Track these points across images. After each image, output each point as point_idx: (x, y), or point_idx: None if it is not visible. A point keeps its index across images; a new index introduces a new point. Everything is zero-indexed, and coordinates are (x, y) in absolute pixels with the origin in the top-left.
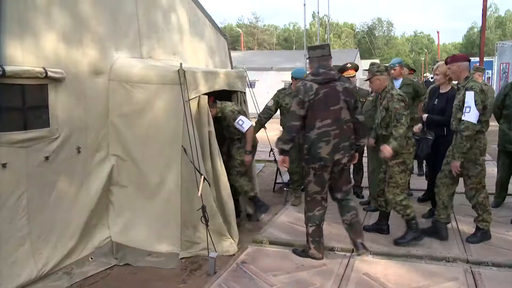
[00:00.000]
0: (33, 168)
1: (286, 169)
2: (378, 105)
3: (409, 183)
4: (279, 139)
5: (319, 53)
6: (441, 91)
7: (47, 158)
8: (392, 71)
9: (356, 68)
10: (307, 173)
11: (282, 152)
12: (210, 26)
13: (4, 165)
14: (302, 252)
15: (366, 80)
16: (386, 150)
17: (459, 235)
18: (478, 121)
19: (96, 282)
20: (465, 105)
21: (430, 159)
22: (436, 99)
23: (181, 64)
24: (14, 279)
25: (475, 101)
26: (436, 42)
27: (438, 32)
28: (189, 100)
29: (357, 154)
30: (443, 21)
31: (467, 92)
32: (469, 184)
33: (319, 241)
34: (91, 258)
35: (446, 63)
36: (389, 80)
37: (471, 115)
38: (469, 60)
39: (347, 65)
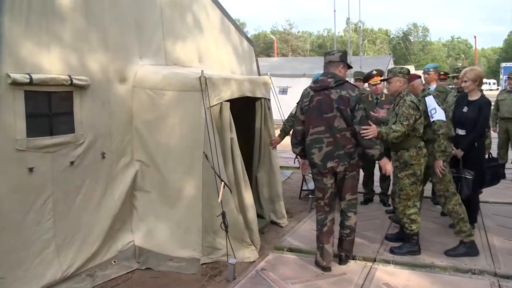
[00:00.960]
0: (58, 173)
1: (308, 174)
2: (391, 112)
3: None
4: (291, 142)
5: (327, 59)
6: (470, 98)
7: (72, 163)
8: (426, 76)
9: (381, 74)
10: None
11: (300, 156)
12: (236, 33)
13: (31, 169)
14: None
15: (385, 79)
16: (373, 130)
17: (487, 246)
18: None
19: (118, 285)
20: (429, 109)
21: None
22: (466, 107)
23: (202, 71)
24: (39, 279)
25: (436, 102)
26: (474, 47)
27: (475, 37)
28: (210, 106)
29: (388, 163)
30: (482, 25)
31: (426, 98)
32: (437, 191)
33: (322, 247)
34: (114, 262)
35: None
36: (406, 86)
37: (438, 114)
38: (420, 77)
39: (373, 72)
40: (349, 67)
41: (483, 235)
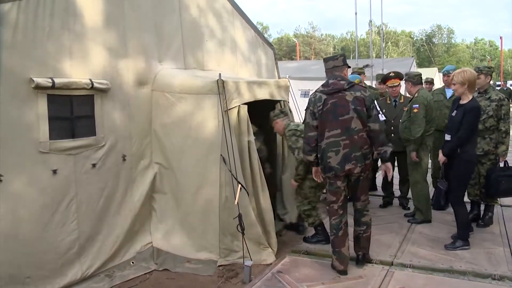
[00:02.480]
0: (81, 175)
1: (321, 181)
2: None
3: None
4: (303, 152)
5: (330, 64)
6: (461, 102)
7: (94, 165)
8: (446, 78)
9: (400, 77)
10: (325, 182)
11: (310, 163)
12: (256, 36)
13: (54, 171)
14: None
15: None
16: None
17: (509, 252)
18: None
19: (135, 285)
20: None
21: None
22: (455, 111)
23: (220, 74)
24: (61, 278)
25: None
26: (500, 48)
27: (501, 38)
28: (227, 109)
29: (388, 164)
30: (509, 26)
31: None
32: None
33: (339, 251)
34: (132, 263)
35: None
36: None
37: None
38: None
39: (390, 74)
40: (348, 67)
41: (505, 240)
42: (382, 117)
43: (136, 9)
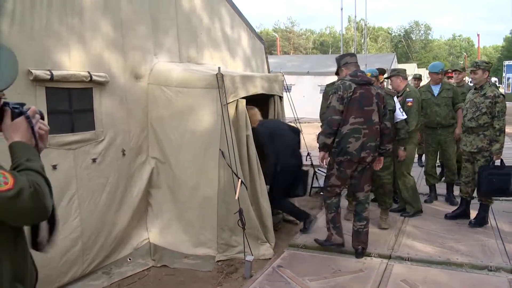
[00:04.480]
0: (81, 170)
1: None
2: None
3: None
4: (321, 134)
5: (348, 59)
6: None
7: (94, 160)
8: (435, 76)
9: (383, 73)
10: (331, 166)
11: (323, 147)
12: (247, 31)
13: (54, 167)
14: (325, 241)
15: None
16: None
17: (502, 244)
18: None
19: (134, 282)
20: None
21: None
22: None
23: (219, 68)
24: (62, 277)
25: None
26: (476, 45)
27: (478, 35)
28: (227, 103)
29: (381, 158)
30: (483, 23)
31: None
32: None
33: (339, 226)
34: (129, 259)
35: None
36: None
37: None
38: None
39: None
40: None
41: (497, 233)
42: (404, 115)
43: (132, 2)
